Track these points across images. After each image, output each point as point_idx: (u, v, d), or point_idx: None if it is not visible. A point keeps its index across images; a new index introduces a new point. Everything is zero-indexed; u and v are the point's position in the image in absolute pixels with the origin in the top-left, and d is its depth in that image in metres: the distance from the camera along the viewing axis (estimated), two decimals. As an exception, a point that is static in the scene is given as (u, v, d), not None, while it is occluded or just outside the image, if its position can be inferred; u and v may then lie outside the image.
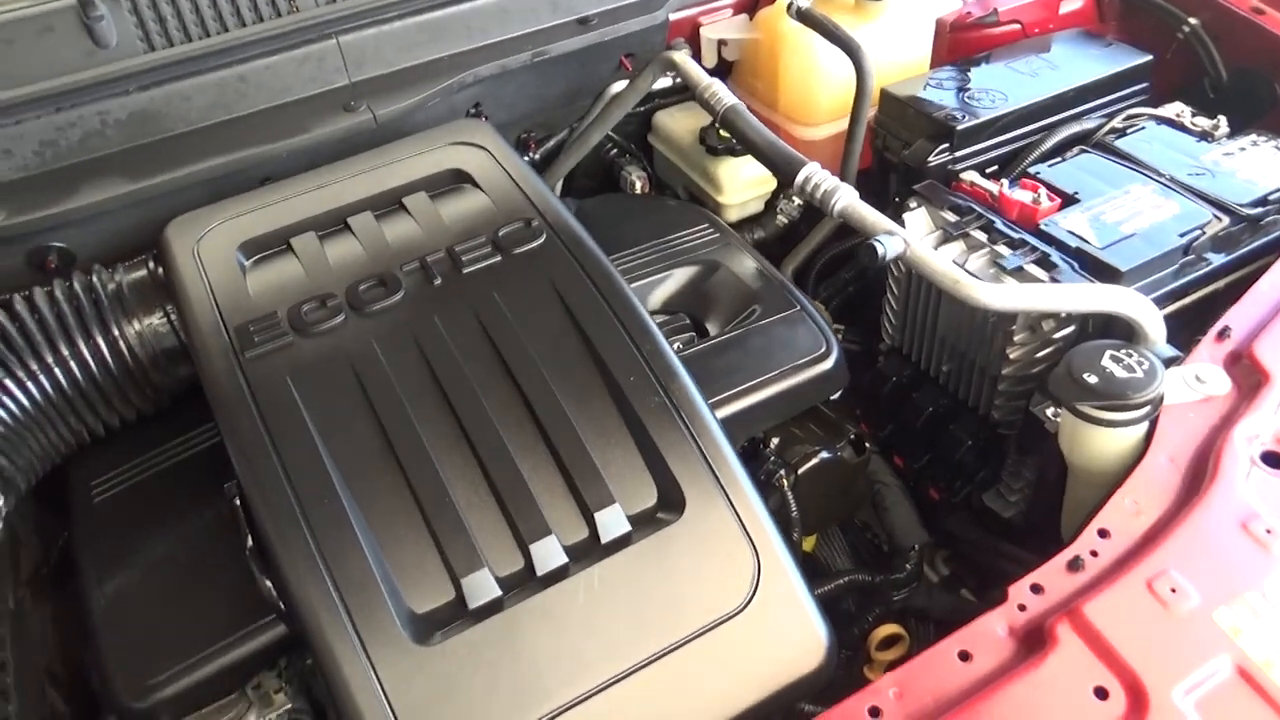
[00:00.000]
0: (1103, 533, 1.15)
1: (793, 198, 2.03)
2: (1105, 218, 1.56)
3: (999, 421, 1.57)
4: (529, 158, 1.92)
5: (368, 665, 1.03)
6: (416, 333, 1.27)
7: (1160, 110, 1.84)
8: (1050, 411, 1.39)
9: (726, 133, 1.86)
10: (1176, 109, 1.84)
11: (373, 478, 1.15)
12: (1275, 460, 1.19)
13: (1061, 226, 1.55)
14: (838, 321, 1.90)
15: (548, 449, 1.18)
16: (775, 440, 1.53)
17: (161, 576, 1.32)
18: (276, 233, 1.41)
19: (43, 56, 1.47)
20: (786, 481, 1.49)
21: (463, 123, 1.66)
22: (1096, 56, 1.91)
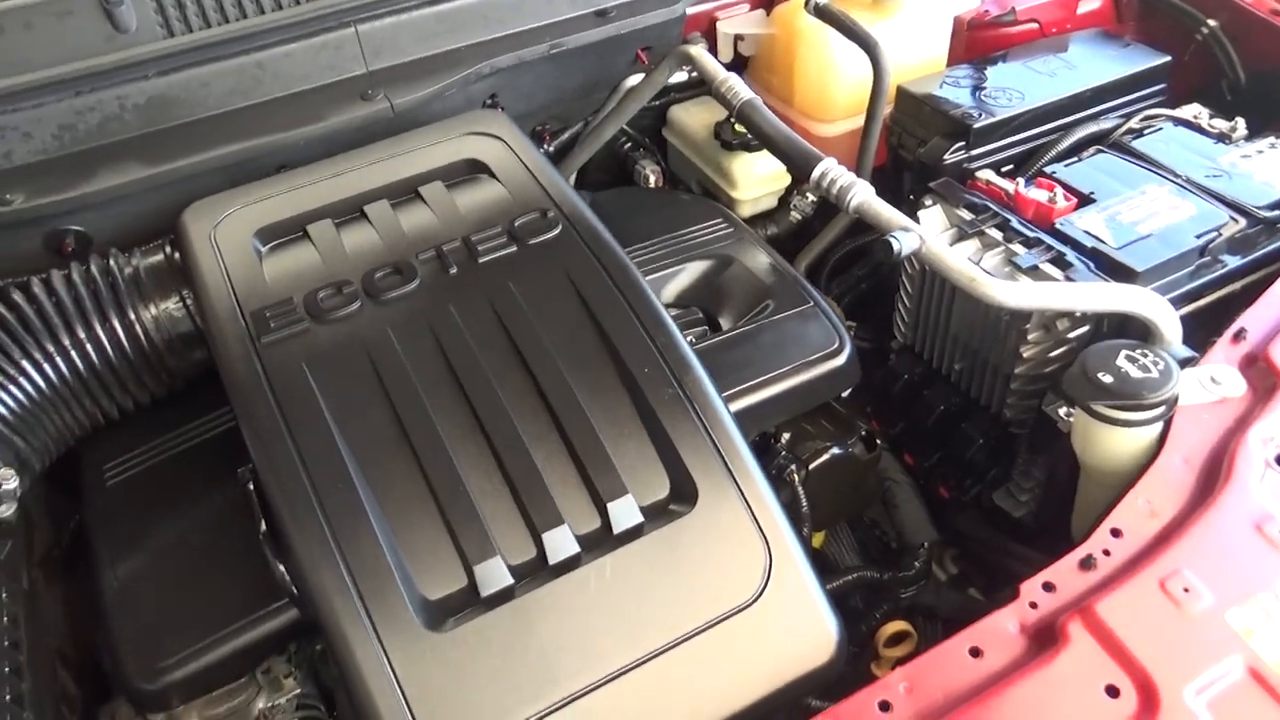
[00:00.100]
0: (1115, 532, 1.15)
1: (806, 194, 2.03)
2: (1121, 218, 1.56)
3: (1011, 420, 1.57)
4: (544, 150, 1.92)
5: (380, 650, 1.03)
6: (432, 321, 1.28)
7: (1178, 111, 1.83)
8: (1063, 411, 1.39)
9: (742, 127, 1.87)
10: (1194, 110, 1.83)
11: (387, 464, 1.16)
12: (1290, 462, 1.19)
13: (1077, 226, 1.54)
14: (849, 318, 1.90)
15: (561, 439, 1.19)
16: (786, 435, 1.53)
17: (173, 560, 1.32)
18: (293, 219, 1.42)
19: (62, 40, 1.47)
20: (797, 476, 1.49)
21: (479, 113, 1.67)
22: (1114, 57, 1.90)
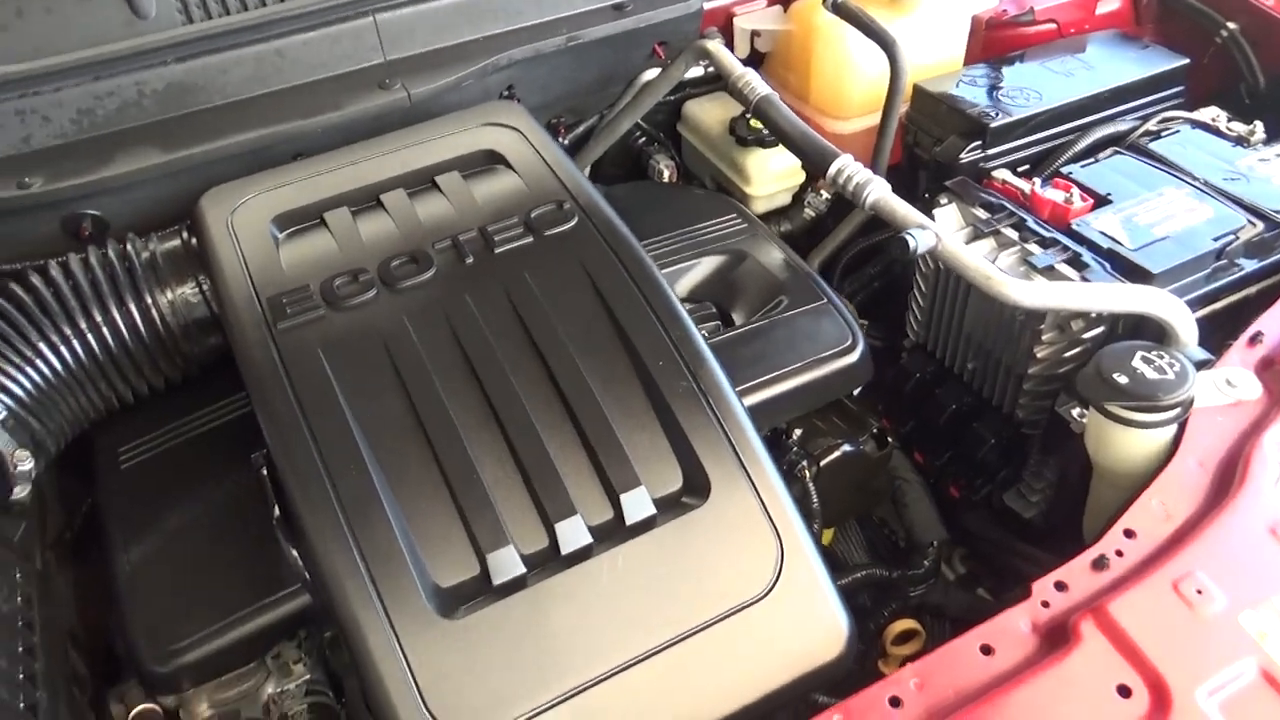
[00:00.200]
0: (1129, 533, 1.15)
1: (820, 191, 2.02)
2: (1138, 219, 1.55)
3: (1023, 421, 1.57)
4: (559, 143, 1.92)
5: (392, 636, 1.04)
6: (447, 310, 1.28)
7: (1196, 114, 1.82)
8: (1076, 412, 1.39)
9: (759, 123, 1.86)
10: (1212, 113, 1.83)
11: (401, 452, 1.16)
12: (1305, 467, 1.19)
13: (1094, 227, 1.54)
14: (862, 317, 1.89)
15: (575, 430, 1.19)
16: (798, 431, 1.53)
17: (186, 544, 1.33)
18: (310, 207, 1.42)
19: (82, 25, 1.48)
20: (808, 472, 1.49)
21: (496, 104, 1.67)
22: (1132, 58, 1.90)
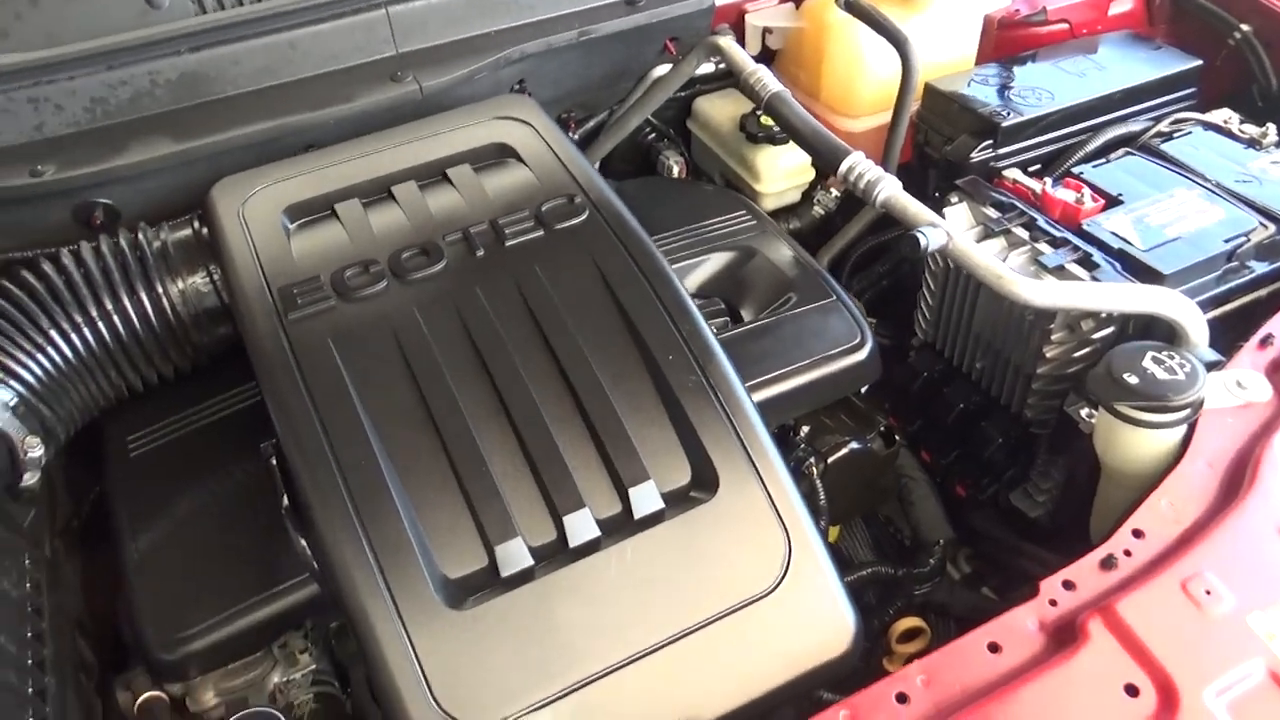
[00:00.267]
0: (1137, 533, 1.15)
1: (830, 189, 2.02)
2: (1149, 220, 1.55)
3: (1031, 420, 1.57)
4: (569, 138, 1.92)
5: (400, 626, 1.04)
6: (458, 302, 1.28)
7: (1208, 116, 1.82)
8: (1085, 412, 1.39)
9: (770, 120, 1.86)
10: (1224, 115, 1.82)
11: (411, 443, 1.16)
12: (1315, 469, 1.18)
13: (1104, 227, 1.53)
14: (869, 315, 1.89)
15: (584, 423, 1.19)
16: (806, 428, 1.53)
17: (194, 532, 1.33)
18: (321, 198, 1.42)
19: (96, 14, 1.47)
20: (816, 470, 1.49)
21: (508, 98, 1.67)
22: (1145, 59, 1.89)
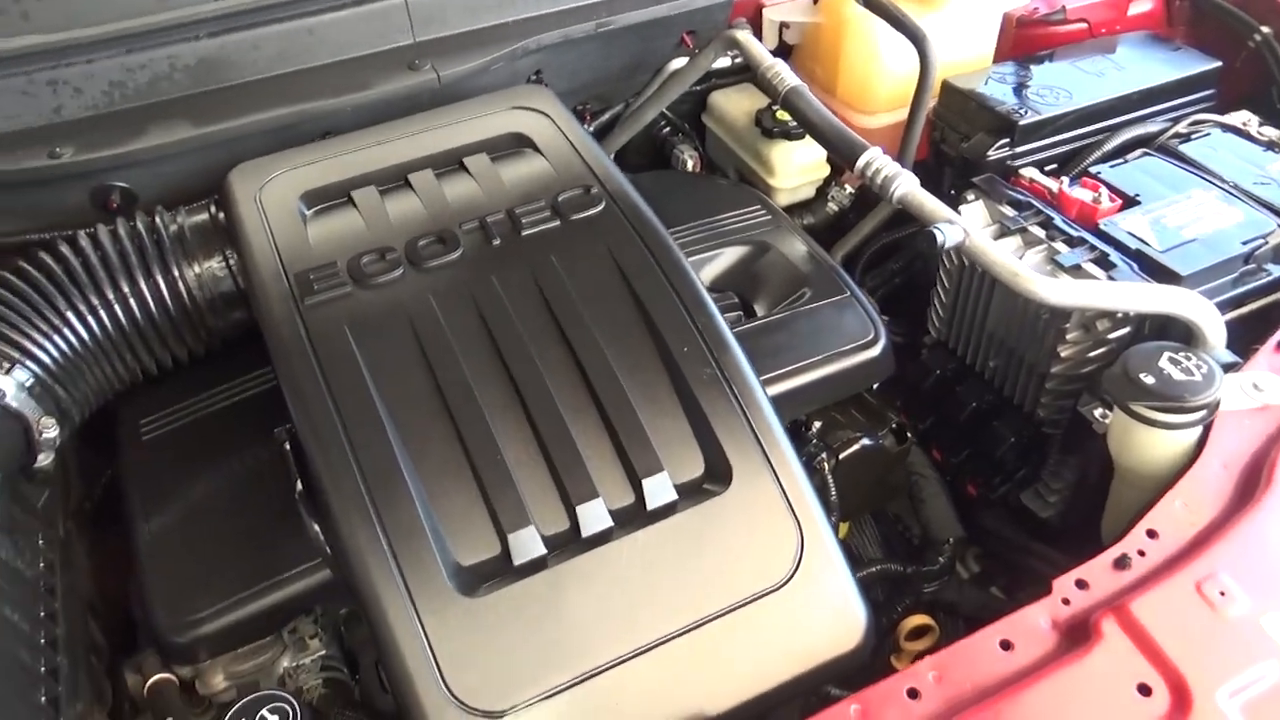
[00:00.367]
0: (1151, 533, 1.14)
1: (844, 185, 2.02)
2: (1166, 221, 1.54)
3: (1044, 420, 1.56)
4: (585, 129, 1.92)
5: (413, 612, 1.04)
6: (474, 291, 1.28)
7: (1226, 118, 1.81)
8: (1098, 412, 1.38)
9: (785, 114, 1.86)
10: (1243, 117, 1.81)
11: (425, 430, 1.16)
12: (1331, 473, 1.18)
13: (1121, 227, 1.53)
14: (882, 312, 1.89)
15: (599, 413, 1.19)
16: (818, 424, 1.52)
17: (206, 516, 1.33)
18: (338, 184, 1.43)
19: (116, -2, 1.48)
20: (827, 465, 1.49)
21: (525, 88, 1.67)
22: (1164, 60, 1.88)
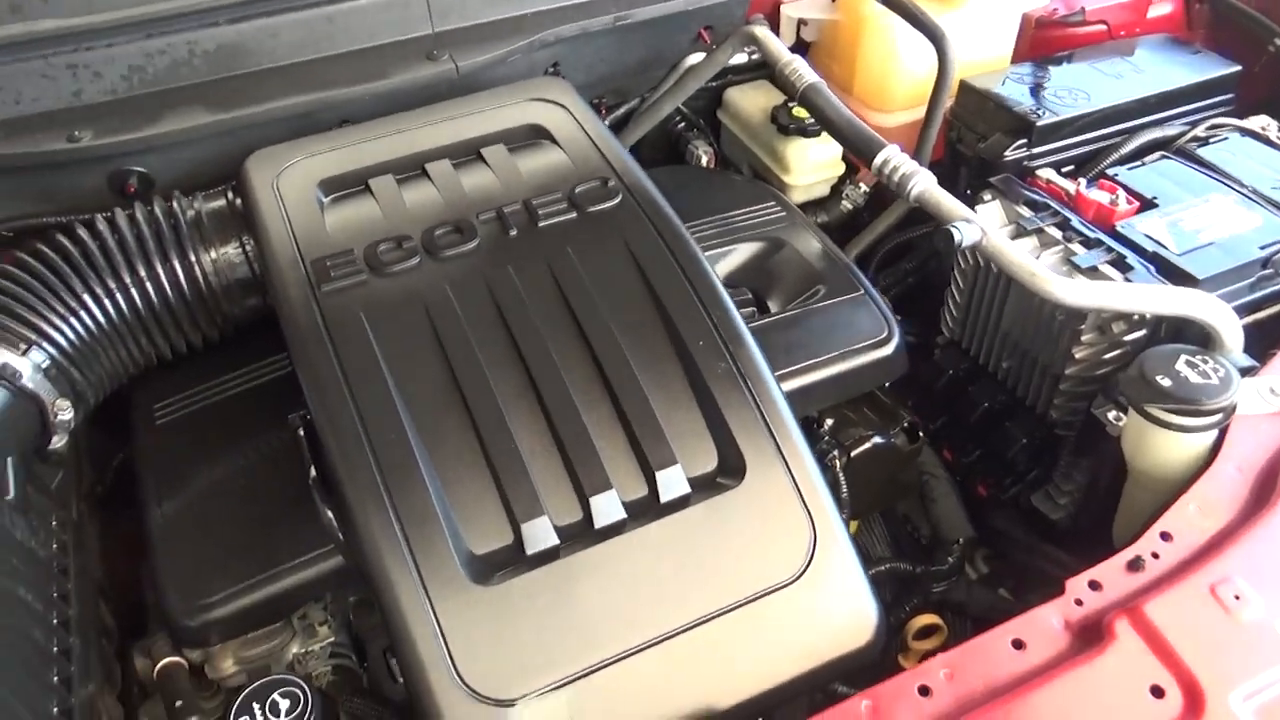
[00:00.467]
0: (1165, 536, 1.14)
1: (859, 184, 2.02)
2: (1184, 224, 1.54)
3: (1056, 421, 1.56)
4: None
5: (425, 600, 1.04)
6: (490, 281, 1.28)
7: (1245, 122, 1.80)
8: (1112, 415, 1.38)
9: (804, 111, 1.86)
10: (1262, 122, 1.81)
11: (440, 418, 1.16)
12: (1347, 478, 1.17)
13: (1138, 230, 1.53)
14: (894, 312, 1.89)
15: (613, 405, 1.19)
16: (830, 421, 1.52)
17: (219, 501, 1.34)
18: (355, 173, 1.42)
19: (137, -19, 1.48)
20: (839, 462, 1.49)
21: (543, 80, 1.67)
22: (1183, 63, 1.88)
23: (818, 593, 1.10)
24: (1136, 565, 1.11)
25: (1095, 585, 1.10)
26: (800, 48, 2.10)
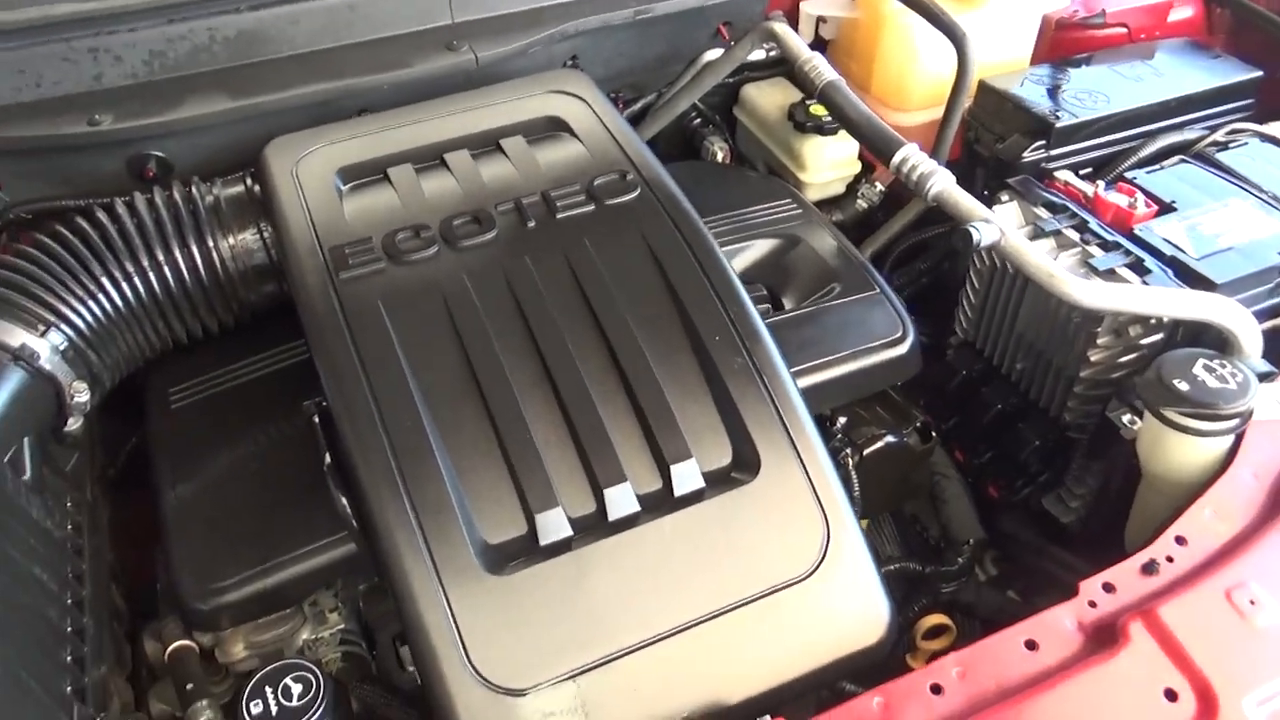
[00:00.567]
0: (1180, 540, 1.14)
1: (874, 183, 2.01)
2: (1202, 229, 1.53)
3: (1069, 424, 1.56)
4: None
5: (439, 587, 1.04)
6: (507, 271, 1.28)
7: (1265, 128, 1.79)
8: (1127, 418, 1.37)
9: (822, 108, 1.86)
10: (1282, 128, 1.80)
11: (456, 407, 1.16)
12: (1364, 486, 1.17)
13: (1157, 233, 1.52)
14: (908, 311, 1.88)
15: (628, 398, 1.19)
16: (842, 419, 1.52)
17: (233, 486, 1.34)
18: (374, 161, 1.43)
19: (159, -33, 1.49)
20: (851, 461, 1.49)
21: (562, 72, 1.67)
22: (1203, 67, 1.87)
23: (830, 589, 1.10)
24: (1151, 568, 1.11)
25: (1109, 587, 1.10)
26: (819, 45, 2.10)
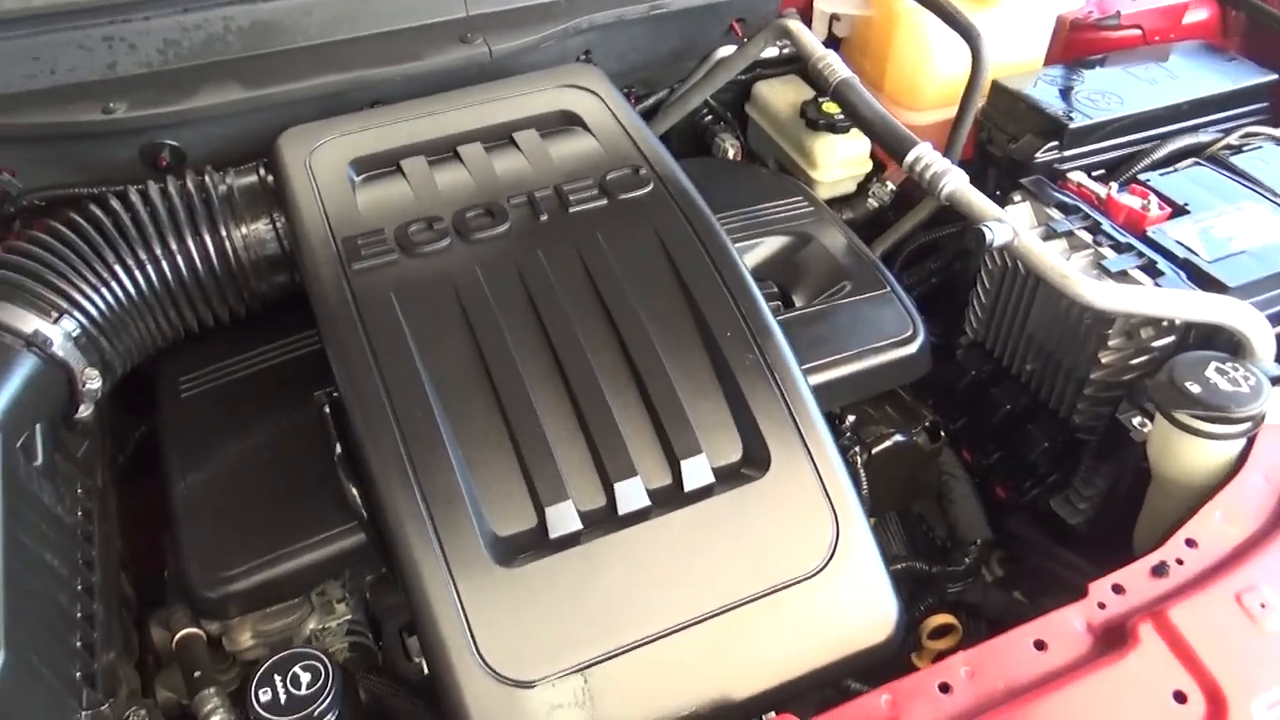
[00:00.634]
0: (1190, 542, 1.14)
1: (886, 182, 2.01)
2: (1215, 232, 1.53)
3: (1079, 426, 1.55)
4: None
5: (449, 579, 1.05)
6: (520, 264, 1.28)
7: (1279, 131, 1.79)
8: (1137, 420, 1.37)
9: (832, 107, 1.86)
10: (1297, 131, 1.79)
11: (467, 399, 1.17)
12: (1376, 492, 1.17)
13: (1169, 235, 1.52)
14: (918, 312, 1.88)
15: (639, 393, 1.19)
16: (851, 418, 1.52)
17: (243, 475, 1.34)
18: (388, 153, 1.43)
19: (175, -44, 1.49)
20: (859, 459, 1.48)
21: (576, 66, 1.67)
22: (1218, 70, 1.86)
23: (839, 587, 1.11)
24: (1161, 571, 1.11)
25: (1119, 589, 1.10)
26: (832, 43, 2.09)
